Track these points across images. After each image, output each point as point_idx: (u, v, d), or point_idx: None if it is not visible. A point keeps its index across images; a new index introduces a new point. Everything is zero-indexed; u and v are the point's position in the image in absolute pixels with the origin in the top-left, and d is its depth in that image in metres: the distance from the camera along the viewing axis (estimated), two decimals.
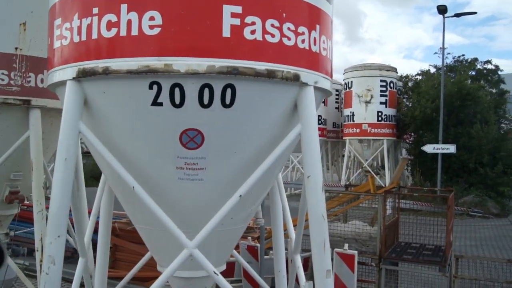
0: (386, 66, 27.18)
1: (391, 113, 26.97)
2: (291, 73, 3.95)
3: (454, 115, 26.39)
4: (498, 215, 23.38)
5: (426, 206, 23.86)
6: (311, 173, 4.22)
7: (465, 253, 15.33)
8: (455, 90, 25.63)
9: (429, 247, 9.04)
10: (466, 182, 25.02)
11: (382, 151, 26.72)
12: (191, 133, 3.93)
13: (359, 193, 9.17)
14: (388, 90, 26.78)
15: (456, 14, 25.04)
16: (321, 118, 28.95)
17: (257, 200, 4.95)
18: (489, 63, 45.46)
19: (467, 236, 18.22)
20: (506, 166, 24.54)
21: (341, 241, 8.20)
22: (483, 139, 24.50)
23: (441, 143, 24.48)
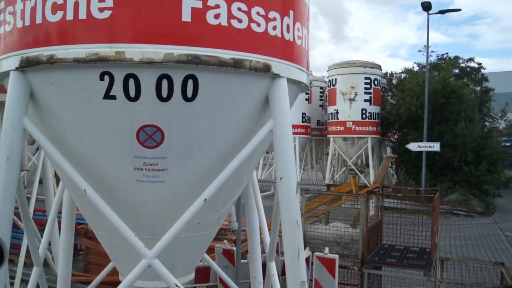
0: (371, 63, 26.91)
1: (375, 111, 26.73)
2: (260, 63, 3.55)
3: (438, 113, 26.22)
4: (483, 214, 23.25)
5: (410, 205, 23.65)
6: (283, 174, 3.83)
7: (450, 253, 15.12)
8: (439, 88, 25.44)
9: (413, 250, 8.71)
10: (451, 181, 24.86)
11: (367, 149, 26.46)
12: (149, 129, 3.51)
13: (340, 194, 8.81)
14: (373, 87, 26.53)
15: (441, 11, 24.85)
16: (305, 116, 28.66)
17: (228, 202, 4.53)
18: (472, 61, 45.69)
19: (452, 236, 18.02)
20: (490, 164, 24.44)
21: (322, 244, 7.85)
22: (467, 137, 24.35)
23: (426, 141, 24.28)
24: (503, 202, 27.45)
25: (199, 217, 4.06)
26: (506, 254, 15.04)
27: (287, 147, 3.85)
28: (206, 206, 3.85)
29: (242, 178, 4.48)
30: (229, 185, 4.14)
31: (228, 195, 4.39)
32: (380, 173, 9.92)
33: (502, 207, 26.15)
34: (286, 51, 3.83)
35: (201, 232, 4.34)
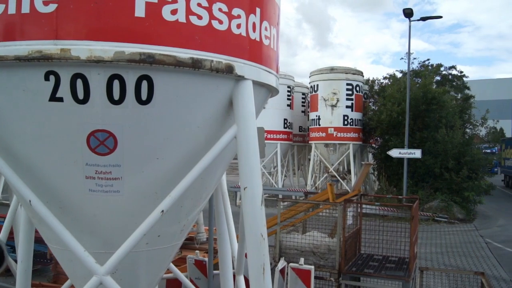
0: (352, 69, 26.83)
1: (357, 117, 26.64)
2: (222, 63, 3.29)
3: (420, 119, 26.23)
4: (463, 220, 23.23)
5: (392, 212, 23.58)
6: (248, 184, 3.57)
7: (431, 261, 14.99)
8: (421, 94, 25.44)
9: (392, 259, 8.50)
10: (432, 187, 24.81)
11: (348, 155, 26.34)
12: (100, 135, 3.22)
13: (316, 202, 8.56)
14: (354, 93, 26.44)
15: (422, 18, 24.85)
16: (287, 122, 28.44)
17: (191, 213, 4.24)
18: (453, 69, 46.21)
19: (433, 243, 17.90)
20: (470, 171, 24.44)
21: (298, 254, 7.60)
22: (448, 144, 24.34)
23: (407, 147, 24.23)
24: (484, 208, 27.52)
25: (158, 229, 3.79)
26: (486, 262, 14.94)
27: (252, 154, 3.59)
28: (167, 218, 3.57)
29: (207, 186, 4.20)
30: (191, 194, 3.86)
31: (192, 205, 4.11)
32: (359, 181, 9.71)
33: (483, 213, 26.21)
34: (251, 51, 3.58)
35: (162, 245, 4.04)
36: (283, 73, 28.78)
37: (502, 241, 18.43)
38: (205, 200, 4.45)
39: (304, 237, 7.83)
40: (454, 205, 23.77)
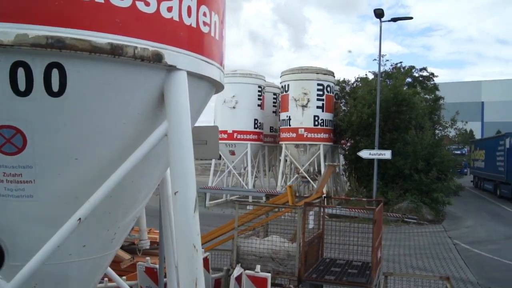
0: (323, 69, 26.65)
1: (328, 118, 26.47)
2: (149, 50, 2.89)
3: (390, 120, 26.21)
4: (433, 221, 23.24)
5: (362, 213, 23.45)
6: (179, 188, 3.16)
7: (399, 263, 14.82)
8: (391, 96, 25.41)
9: (356, 264, 8.19)
10: (401, 188, 24.78)
11: (319, 156, 26.15)
12: (5, 131, 2.80)
13: (275, 205, 8.18)
14: (325, 94, 26.26)
15: (393, 18, 24.79)
16: (257, 122, 28.11)
17: (123, 219, 3.81)
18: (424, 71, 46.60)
19: (401, 244, 17.77)
20: (440, 172, 24.48)
21: (256, 260, 7.24)
22: (417, 145, 24.35)
23: (377, 148, 24.16)
24: (453, 209, 27.64)
25: (83, 238, 3.37)
26: (454, 264, 14.85)
27: (185, 154, 3.19)
28: (92, 226, 3.17)
29: (141, 190, 3.79)
30: (121, 199, 3.45)
31: (123, 211, 3.69)
32: (322, 183, 9.38)
33: (452, 214, 26.31)
34: (186, 38, 3.18)
35: (90, 255, 3.61)
36: (254, 72, 28.48)
37: (470, 242, 18.42)
38: (141, 205, 4.04)
39: (262, 242, 7.47)
40: (423, 206, 23.79)
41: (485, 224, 23.19)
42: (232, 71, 28.08)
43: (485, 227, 22.28)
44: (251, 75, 28.08)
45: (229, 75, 27.89)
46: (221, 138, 27.97)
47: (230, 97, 27.50)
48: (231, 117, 27.71)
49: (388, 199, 24.19)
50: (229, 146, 28.18)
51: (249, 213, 7.90)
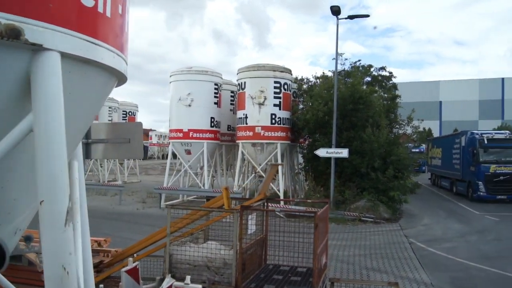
0: (280, 67, 26.19)
1: (285, 116, 26.03)
2: (1, 24, 2.24)
3: (347, 119, 25.99)
4: (389, 220, 23.12)
5: None
6: (46, 197, 2.52)
7: (353, 264, 14.48)
8: (348, 94, 25.20)
9: (300, 271, 7.67)
10: (358, 187, 24.60)
11: (276, 155, 25.69)
12: None
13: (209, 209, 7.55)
14: (282, 92, 25.82)
15: (349, 16, 24.60)
16: (214, 120, 27.46)
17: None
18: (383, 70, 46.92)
19: (357, 244, 17.47)
20: (396, 171, 24.41)
21: (190, 268, 6.63)
22: (374, 143, 24.20)
23: (334, 147, 23.90)
24: (411, 207, 27.69)
25: None
26: (409, 264, 14.58)
27: (54, 155, 2.55)
28: None
29: (16, 198, 3.10)
30: None
31: None
32: (265, 184, 8.77)
33: (409, 212, 26.33)
34: (59, 12, 2.54)
35: None
36: (210, 70, 27.81)
37: (426, 241, 18.30)
38: (21, 216, 3.36)
39: (197, 250, 6.86)
40: (380, 205, 23.65)
41: (441, 222, 23.25)
42: (188, 68, 27.35)
43: (441, 225, 22.31)
44: (207, 72, 27.38)
45: (184, 72, 27.17)
46: (177, 137, 27.24)
47: (186, 94, 26.77)
48: (187, 115, 26.97)
49: (345, 198, 23.98)
50: (185, 145, 27.44)
51: (184, 218, 7.25)
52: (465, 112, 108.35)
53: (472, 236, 19.63)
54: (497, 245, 17.86)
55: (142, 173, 57.99)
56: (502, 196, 30.45)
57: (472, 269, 14.16)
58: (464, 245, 17.77)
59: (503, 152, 31.11)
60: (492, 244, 18.02)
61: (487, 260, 15.21)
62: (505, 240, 18.71)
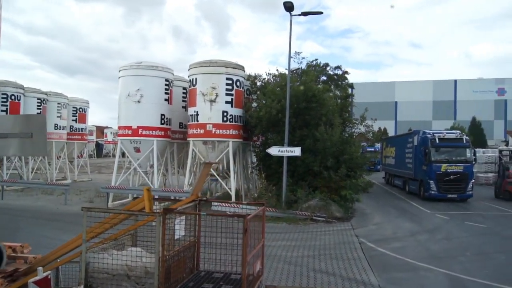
0: (233, 63, 25.57)
1: (237, 114, 25.45)
2: None
3: (300, 117, 25.62)
4: (341, 219, 22.86)
5: (271, 212, 22.73)
6: None
7: (300, 266, 14.04)
8: (302, 91, 24.81)
9: (234, 278, 7.08)
10: (311, 186, 24.26)
11: (228, 153, 25.08)
12: None
13: (129, 212, 6.81)
14: (235, 89, 25.23)
15: (303, 12, 24.17)
16: (164, 118, 26.58)
17: None
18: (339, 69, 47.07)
19: (307, 245, 17.05)
20: (349, 170, 24.20)
21: (109, 278, 5.95)
22: (327, 141, 23.90)
23: (287, 145, 23.49)
24: (363, 206, 27.64)
25: None
26: (357, 265, 14.23)
27: None
28: None
29: None
30: None
31: None
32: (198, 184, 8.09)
33: (362, 211, 26.25)
34: None
35: None
36: (161, 65, 26.95)
37: (376, 240, 18.09)
38: None
39: (116, 257, 6.17)
40: (332, 204, 23.39)
41: (392, 221, 23.21)
42: (137, 63, 26.38)
43: (391, 224, 22.25)
44: (157, 68, 26.46)
45: (134, 67, 26.22)
46: (125, 134, 26.29)
47: (135, 90, 25.80)
48: (136, 112, 26.01)
49: (297, 197, 23.61)
50: (134, 143, 26.46)
51: (103, 222, 6.53)
52: (420, 112, 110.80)
53: (422, 235, 19.58)
54: (446, 244, 17.82)
55: (95, 171, 56.39)
56: (453, 195, 30.87)
57: (421, 269, 13.95)
58: (413, 245, 17.65)
59: (454, 152, 31.53)
60: (441, 243, 17.96)
61: (436, 260, 15.07)
62: (454, 239, 18.74)
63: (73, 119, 42.69)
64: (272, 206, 23.13)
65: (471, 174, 31.46)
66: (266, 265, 13.75)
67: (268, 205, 23.47)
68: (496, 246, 17.42)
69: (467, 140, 32.09)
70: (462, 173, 30.75)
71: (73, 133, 42.55)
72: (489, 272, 13.71)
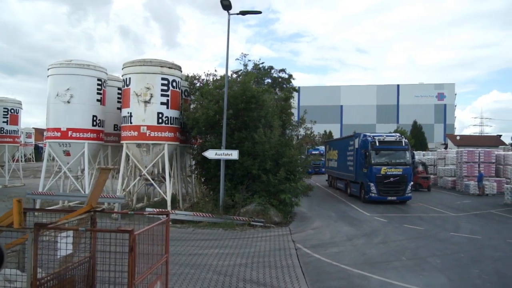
0: (169, 63, 24.53)
1: (173, 115, 24.42)
2: None
3: (240, 119, 24.90)
4: (280, 224, 22.30)
5: (207, 217, 21.91)
6: None
7: (230, 276, 13.21)
8: (240, 92, 24.09)
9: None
10: (250, 190, 23.54)
11: (163, 157, 24.01)
12: None
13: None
14: (171, 89, 24.21)
15: (241, 11, 23.47)
16: (96, 119, 25.20)
17: None
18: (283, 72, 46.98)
19: (240, 252, 16.27)
20: (288, 173, 23.65)
21: None
22: (266, 144, 23.27)
23: (224, 148, 22.68)
24: (304, 210, 27.26)
25: None
26: (290, 273, 13.58)
27: None
28: None
29: None
30: None
31: None
32: (94, 192, 7.07)
33: (302, 215, 25.82)
34: None
35: None
36: (93, 63, 25.53)
37: (313, 246, 17.57)
38: None
39: None
40: (271, 208, 22.76)
41: (332, 225, 22.83)
42: (67, 61, 24.86)
43: (330, 228, 21.84)
44: (89, 66, 25.04)
45: (64, 65, 24.70)
46: (54, 136, 24.72)
47: (64, 90, 24.30)
48: (66, 113, 24.49)
49: (235, 201, 22.84)
50: (63, 146, 24.92)
51: None
52: (364, 116, 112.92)
53: (359, 239, 19.22)
54: (382, 248, 17.50)
55: (30, 176, 53.71)
56: (392, 197, 31.03)
57: (355, 276, 13.46)
58: (350, 250, 17.23)
59: (394, 154, 31.72)
60: (377, 247, 17.63)
61: (371, 266, 14.67)
62: (390, 243, 18.47)
63: (4, 121, 40.25)
64: (209, 212, 22.28)
65: (410, 177, 31.75)
66: (193, 276, 12.93)
67: (205, 210, 22.62)
68: (432, 249, 17.25)
69: (406, 143, 32.38)
70: (402, 175, 30.96)
71: (3, 135, 40.14)
72: (424, 278, 13.41)
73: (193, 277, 12.84)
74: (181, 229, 20.86)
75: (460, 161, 42.55)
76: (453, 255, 16.46)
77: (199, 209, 23.16)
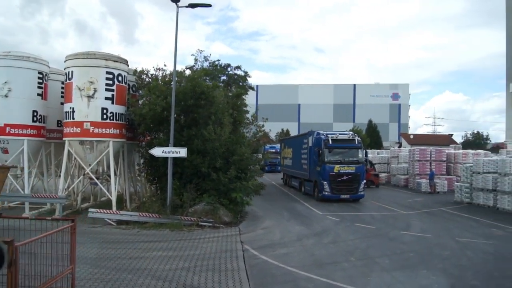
0: (114, 56, 23.44)
1: (119, 111, 23.37)
2: None
3: (189, 115, 24.07)
4: (230, 224, 21.62)
5: (153, 218, 21.02)
6: None
7: (170, 282, 12.37)
8: (190, 88, 23.26)
9: None
10: (199, 189, 22.74)
11: (108, 154, 22.91)
12: None
13: None
14: (116, 84, 23.14)
15: (190, 4, 22.67)
16: (37, 115, 23.84)
17: None
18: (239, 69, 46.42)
19: (184, 255, 15.46)
20: (239, 171, 22.99)
21: None
22: (216, 141, 22.54)
23: (172, 145, 21.81)
24: (255, 209, 26.69)
25: None
26: (234, 278, 12.89)
27: None
28: None
29: None
30: None
31: None
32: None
33: (254, 214, 25.28)
34: None
35: None
36: (34, 56, 24.15)
37: (261, 247, 16.97)
38: None
39: None
40: (221, 208, 22.03)
41: (283, 224, 22.36)
42: (5, 52, 23.38)
43: (281, 228, 21.34)
44: (29, 59, 23.63)
45: (1, 57, 23.21)
46: None
47: (2, 83, 22.84)
48: (3, 107, 23.02)
49: (183, 201, 22.01)
50: (1, 143, 23.43)
51: None
52: (321, 114, 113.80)
53: (309, 239, 18.76)
54: (332, 248, 17.07)
55: None
56: (345, 195, 30.89)
57: (301, 279, 12.90)
58: (299, 250, 16.72)
59: (347, 153, 31.57)
60: (327, 248, 17.19)
61: (319, 267, 14.17)
62: (341, 243, 18.09)
63: None
64: (155, 212, 21.37)
65: (363, 175, 31.70)
66: (129, 282, 12.07)
67: (151, 210, 21.71)
68: (382, 249, 16.95)
69: (359, 141, 32.31)
70: (354, 173, 30.85)
71: None
72: (372, 279, 13.01)
73: (129, 283, 11.96)
74: (125, 230, 19.88)
75: (412, 159, 43.07)
76: (402, 255, 16.21)
77: (145, 209, 22.22)
